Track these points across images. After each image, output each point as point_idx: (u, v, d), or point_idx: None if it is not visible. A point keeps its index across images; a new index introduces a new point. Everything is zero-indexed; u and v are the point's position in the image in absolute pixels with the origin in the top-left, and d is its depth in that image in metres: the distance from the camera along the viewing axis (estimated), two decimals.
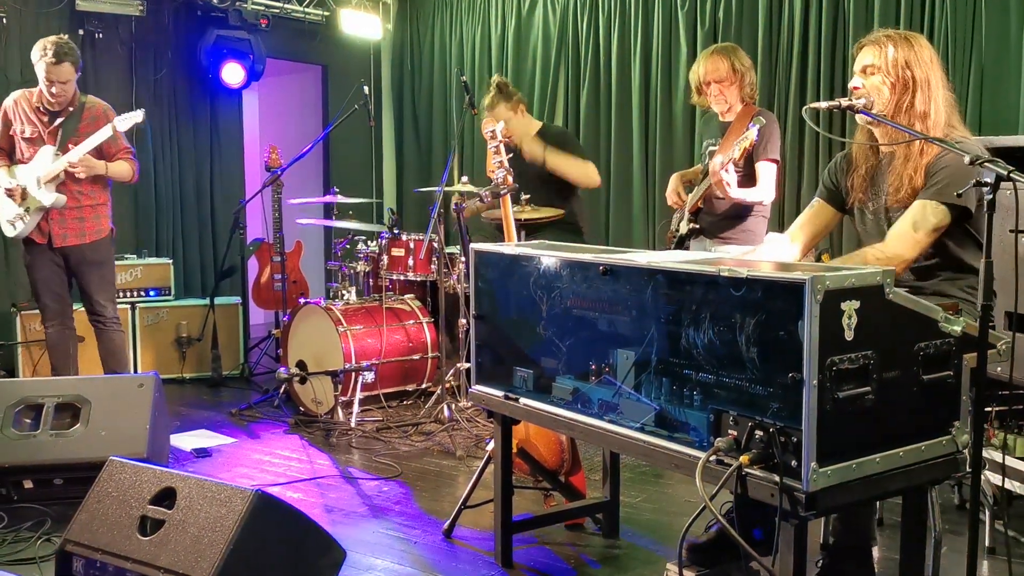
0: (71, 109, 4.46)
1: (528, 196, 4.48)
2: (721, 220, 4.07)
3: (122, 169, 4.56)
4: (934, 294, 2.63)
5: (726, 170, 3.79)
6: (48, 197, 4.40)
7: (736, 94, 4.00)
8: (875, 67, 2.67)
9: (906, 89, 2.63)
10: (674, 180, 4.37)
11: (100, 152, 4.50)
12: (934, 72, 2.66)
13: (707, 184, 3.98)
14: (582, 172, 4.71)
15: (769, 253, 3.12)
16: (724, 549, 2.78)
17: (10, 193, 4.41)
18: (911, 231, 2.55)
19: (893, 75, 2.64)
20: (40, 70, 4.31)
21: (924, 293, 2.61)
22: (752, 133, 3.69)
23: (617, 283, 2.43)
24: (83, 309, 4.69)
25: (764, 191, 3.96)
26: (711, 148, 4.12)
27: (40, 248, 4.50)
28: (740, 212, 4.03)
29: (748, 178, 3.94)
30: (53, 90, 4.34)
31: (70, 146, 4.40)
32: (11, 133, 4.49)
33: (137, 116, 4.51)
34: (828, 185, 2.93)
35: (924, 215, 2.54)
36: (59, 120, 4.45)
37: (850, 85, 2.75)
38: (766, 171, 3.94)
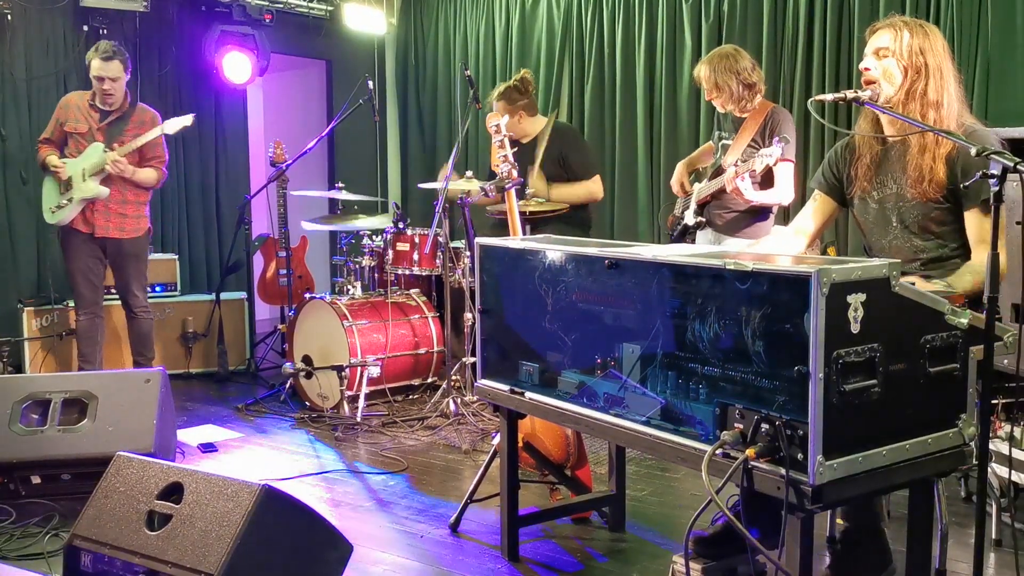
0: (122, 111, 4.81)
1: (533, 191, 4.48)
2: (736, 216, 4.07)
3: (148, 176, 4.91)
4: None
5: (742, 178, 3.78)
6: (92, 189, 4.71)
7: (728, 101, 4.00)
8: (889, 50, 2.66)
9: (918, 75, 2.62)
10: (679, 169, 4.37)
11: (141, 154, 4.83)
12: (946, 63, 2.65)
13: (719, 184, 3.98)
14: (586, 194, 4.76)
15: (774, 246, 3.12)
16: (730, 542, 2.78)
17: (56, 170, 4.72)
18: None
19: (907, 60, 2.63)
20: (92, 68, 4.68)
21: None
22: (776, 151, 3.68)
23: (623, 277, 2.42)
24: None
25: (782, 193, 3.97)
26: (725, 142, 4.12)
27: (82, 237, 4.82)
28: (755, 210, 4.03)
29: (764, 178, 3.93)
30: (104, 87, 4.70)
31: (115, 145, 4.72)
32: (64, 129, 4.80)
33: (187, 120, 4.91)
34: (828, 176, 2.92)
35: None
36: (109, 119, 4.79)
37: (861, 66, 2.74)
38: (783, 172, 3.93)
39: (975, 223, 2.59)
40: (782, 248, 3.00)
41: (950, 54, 2.70)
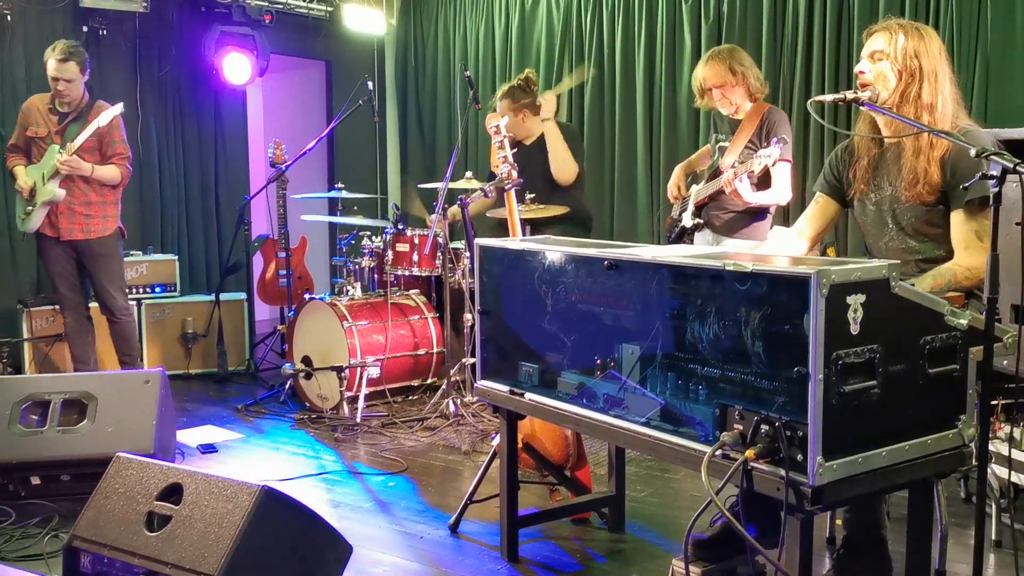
0: (79, 111, 4.68)
1: (533, 195, 4.47)
2: (734, 217, 4.07)
3: (109, 173, 4.76)
4: None
5: (740, 179, 3.78)
6: (50, 192, 4.62)
7: (740, 95, 4.00)
8: (884, 53, 2.65)
9: (913, 78, 2.62)
10: (677, 173, 4.37)
11: (101, 153, 4.73)
12: (942, 65, 2.64)
13: (717, 185, 3.98)
14: (562, 159, 4.65)
15: (776, 248, 3.12)
16: (729, 543, 2.78)
17: (20, 191, 4.68)
18: (977, 241, 2.53)
19: (901, 63, 2.62)
20: (48, 68, 4.58)
21: None
22: (775, 152, 3.67)
23: (622, 278, 2.42)
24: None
25: (780, 193, 3.96)
26: (722, 144, 4.12)
27: (52, 241, 4.75)
28: (753, 211, 4.03)
29: (762, 179, 3.93)
30: (59, 87, 4.60)
31: (67, 145, 4.61)
32: (28, 134, 4.72)
33: (116, 109, 4.72)
34: (829, 178, 2.92)
35: (982, 223, 2.53)
36: (67, 121, 4.68)
37: (856, 69, 2.74)
38: (781, 173, 3.93)
39: (957, 226, 2.59)
40: (784, 250, 3.00)
41: (947, 56, 2.70)
